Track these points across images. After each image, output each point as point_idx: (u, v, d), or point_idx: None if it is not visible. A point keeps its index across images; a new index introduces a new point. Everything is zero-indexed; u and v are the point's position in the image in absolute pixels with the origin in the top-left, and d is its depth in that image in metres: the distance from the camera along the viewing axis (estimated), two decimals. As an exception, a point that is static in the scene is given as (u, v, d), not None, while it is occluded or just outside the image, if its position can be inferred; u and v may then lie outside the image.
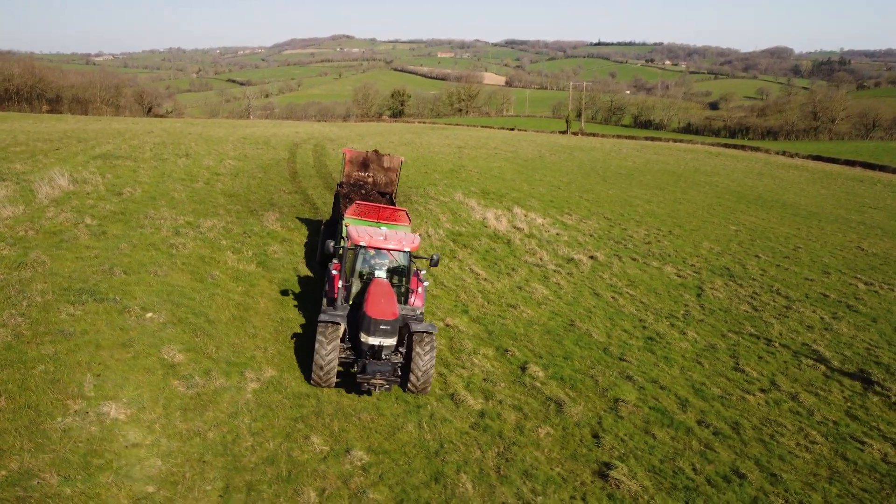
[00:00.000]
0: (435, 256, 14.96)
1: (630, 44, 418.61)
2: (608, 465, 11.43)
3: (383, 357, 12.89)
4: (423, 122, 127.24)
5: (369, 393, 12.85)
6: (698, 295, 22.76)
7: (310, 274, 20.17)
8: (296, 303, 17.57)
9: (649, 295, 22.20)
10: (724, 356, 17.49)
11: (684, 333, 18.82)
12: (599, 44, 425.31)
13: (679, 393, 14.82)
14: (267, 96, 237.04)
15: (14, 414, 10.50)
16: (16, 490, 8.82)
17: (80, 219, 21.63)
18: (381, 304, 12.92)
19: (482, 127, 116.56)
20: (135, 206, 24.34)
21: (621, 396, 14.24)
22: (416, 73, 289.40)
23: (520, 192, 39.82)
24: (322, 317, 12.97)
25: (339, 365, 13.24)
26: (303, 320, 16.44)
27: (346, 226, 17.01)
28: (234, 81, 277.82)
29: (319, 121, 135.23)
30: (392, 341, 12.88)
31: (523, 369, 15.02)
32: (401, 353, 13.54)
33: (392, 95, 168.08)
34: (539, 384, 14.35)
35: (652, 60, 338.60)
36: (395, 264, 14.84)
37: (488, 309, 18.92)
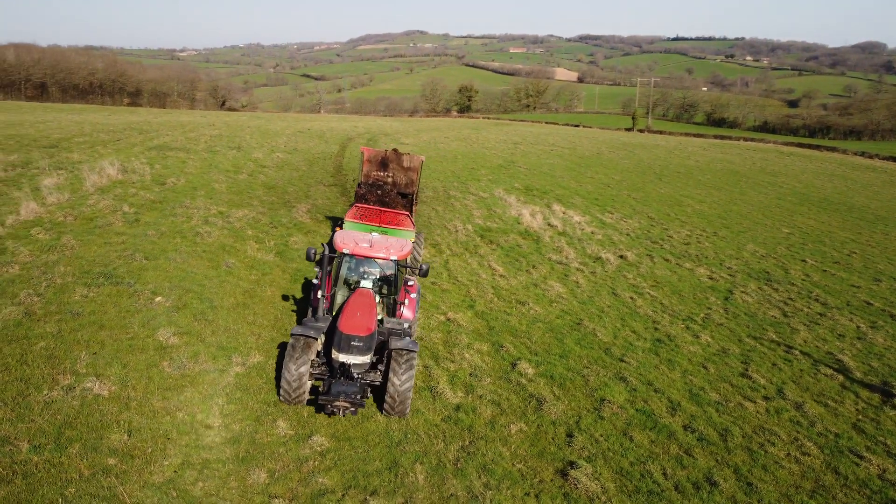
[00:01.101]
0: (424, 266, 13.85)
1: (709, 39, 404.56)
2: (573, 465, 11.33)
3: (355, 376, 11.91)
4: (488, 118, 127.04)
5: (335, 415, 11.78)
6: (726, 298, 22.05)
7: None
8: (302, 292, 18.05)
9: (672, 297, 21.67)
10: (735, 362, 16.94)
11: (697, 337, 18.31)
12: (677, 39, 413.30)
13: (672, 397, 14.48)
14: (339, 91, 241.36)
15: (6, 385, 11.30)
16: (-12, 455, 9.54)
17: (118, 206, 22.80)
18: (356, 318, 12.05)
19: (546, 123, 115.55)
20: (174, 196, 25.45)
21: (609, 397, 14.04)
22: (486, 69, 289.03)
23: (565, 190, 39.45)
24: (295, 329, 12.11)
25: (317, 380, 12.59)
26: (305, 309, 16.87)
27: (335, 230, 17.18)
28: (308, 76, 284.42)
29: (385, 115, 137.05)
30: (363, 359, 11.92)
31: (514, 366, 15.00)
32: (380, 371, 12.44)
33: (459, 91, 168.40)
34: (525, 381, 14.30)
35: (732, 56, 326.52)
36: (385, 272, 13.96)
37: (496, 305, 18.91)
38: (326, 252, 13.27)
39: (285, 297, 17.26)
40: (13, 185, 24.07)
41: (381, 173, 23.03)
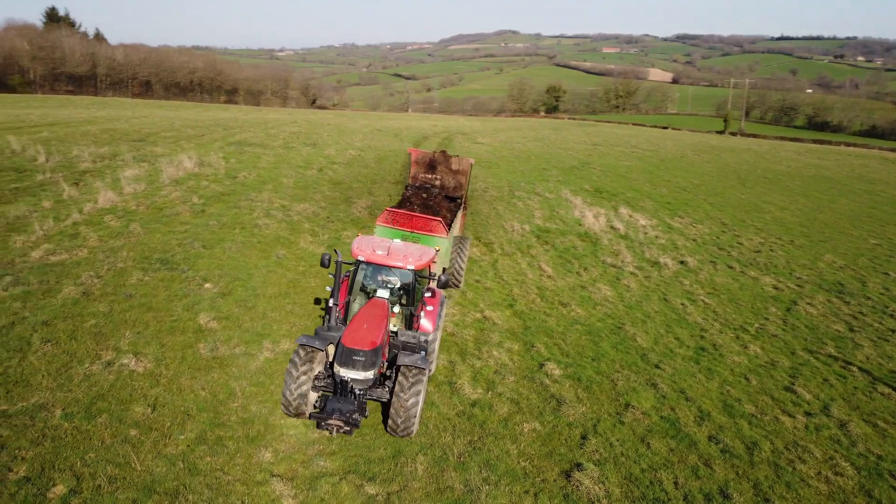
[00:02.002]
0: (443, 277, 12.91)
1: (817, 38, 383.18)
2: (580, 466, 11.22)
3: (357, 392, 11.22)
4: (573, 119, 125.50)
5: (330, 432, 11.20)
6: (787, 309, 21.06)
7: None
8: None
9: (727, 305, 20.90)
10: (781, 375, 16.20)
11: (746, 347, 17.61)
12: (781, 38, 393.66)
13: (703, 406, 14.04)
14: (429, 90, 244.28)
15: (53, 358, 12.33)
16: (24, 419, 10.48)
17: (188, 197, 24.15)
18: (361, 331, 11.33)
19: (633, 125, 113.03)
20: (242, 189, 26.68)
21: (634, 402, 13.77)
22: (577, 69, 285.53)
23: (636, 192, 38.61)
24: (301, 339, 11.51)
25: (324, 392, 11.85)
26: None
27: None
28: (399, 76, 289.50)
29: (470, 115, 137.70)
30: (364, 375, 11.08)
31: (541, 366, 14.94)
32: (388, 387, 11.80)
33: (547, 91, 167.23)
34: (550, 382, 14.22)
35: (842, 56, 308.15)
36: (404, 281, 13.12)
37: (536, 305, 18.83)
38: (339, 258, 12.67)
39: (317, 301, 16.74)
40: (98, 175, 25.91)
41: (429, 175, 22.33)
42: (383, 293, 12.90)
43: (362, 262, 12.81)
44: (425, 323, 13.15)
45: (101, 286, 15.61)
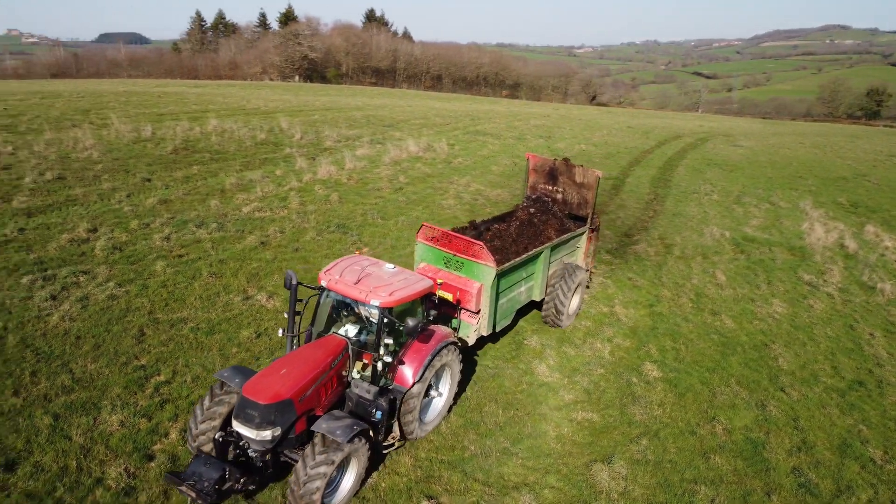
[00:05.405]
0: (410, 322, 9.74)
1: None
2: (609, 461, 10.98)
3: (251, 454, 9.07)
4: (890, 126, 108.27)
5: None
6: None
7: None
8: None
9: (937, 344, 17.58)
10: (952, 428, 13.49)
11: (922, 391, 14.87)
12: None
13: (810, 439, 12.44)
14: (728, 90, 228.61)
15: (210, 287, 15.43)
16: (166, 326, 13.51)
17: (395, 176, 27.01)
18: (272, 377, 9.11)
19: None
20: (449, 173, 28.94)
21: (723, 418, 12.73)
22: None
23: (908, 211, 33.11)
24: (220, 373, 9.62)
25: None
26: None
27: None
28: (699, 74, 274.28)
29: (764, 118, 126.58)
30: (258, 434, 8.73)
31: (640, 365, 14.43)
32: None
33: (867, 94, 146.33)
34: (638, 381, 13.73)
35: None
36: (375, 319, 10.43)
37: (681, 309, 17.83)
38: (295, 281, 10.38)
39: None
40: (333, 152, 30.12)
41: (550, 187, 18.68)
42: (350, 330, 10.65)
43: (323, 288, 10.60)
44: (404, 374, 10.48)
45: (279, 239, 18.73)
